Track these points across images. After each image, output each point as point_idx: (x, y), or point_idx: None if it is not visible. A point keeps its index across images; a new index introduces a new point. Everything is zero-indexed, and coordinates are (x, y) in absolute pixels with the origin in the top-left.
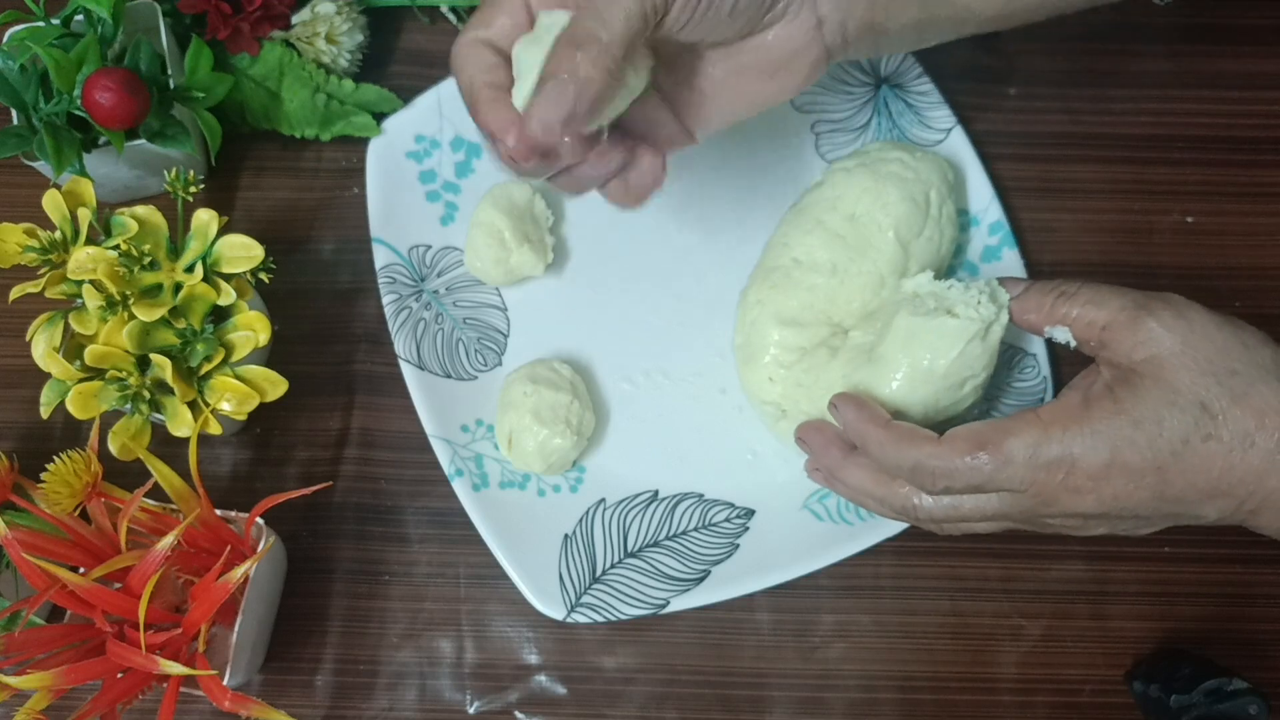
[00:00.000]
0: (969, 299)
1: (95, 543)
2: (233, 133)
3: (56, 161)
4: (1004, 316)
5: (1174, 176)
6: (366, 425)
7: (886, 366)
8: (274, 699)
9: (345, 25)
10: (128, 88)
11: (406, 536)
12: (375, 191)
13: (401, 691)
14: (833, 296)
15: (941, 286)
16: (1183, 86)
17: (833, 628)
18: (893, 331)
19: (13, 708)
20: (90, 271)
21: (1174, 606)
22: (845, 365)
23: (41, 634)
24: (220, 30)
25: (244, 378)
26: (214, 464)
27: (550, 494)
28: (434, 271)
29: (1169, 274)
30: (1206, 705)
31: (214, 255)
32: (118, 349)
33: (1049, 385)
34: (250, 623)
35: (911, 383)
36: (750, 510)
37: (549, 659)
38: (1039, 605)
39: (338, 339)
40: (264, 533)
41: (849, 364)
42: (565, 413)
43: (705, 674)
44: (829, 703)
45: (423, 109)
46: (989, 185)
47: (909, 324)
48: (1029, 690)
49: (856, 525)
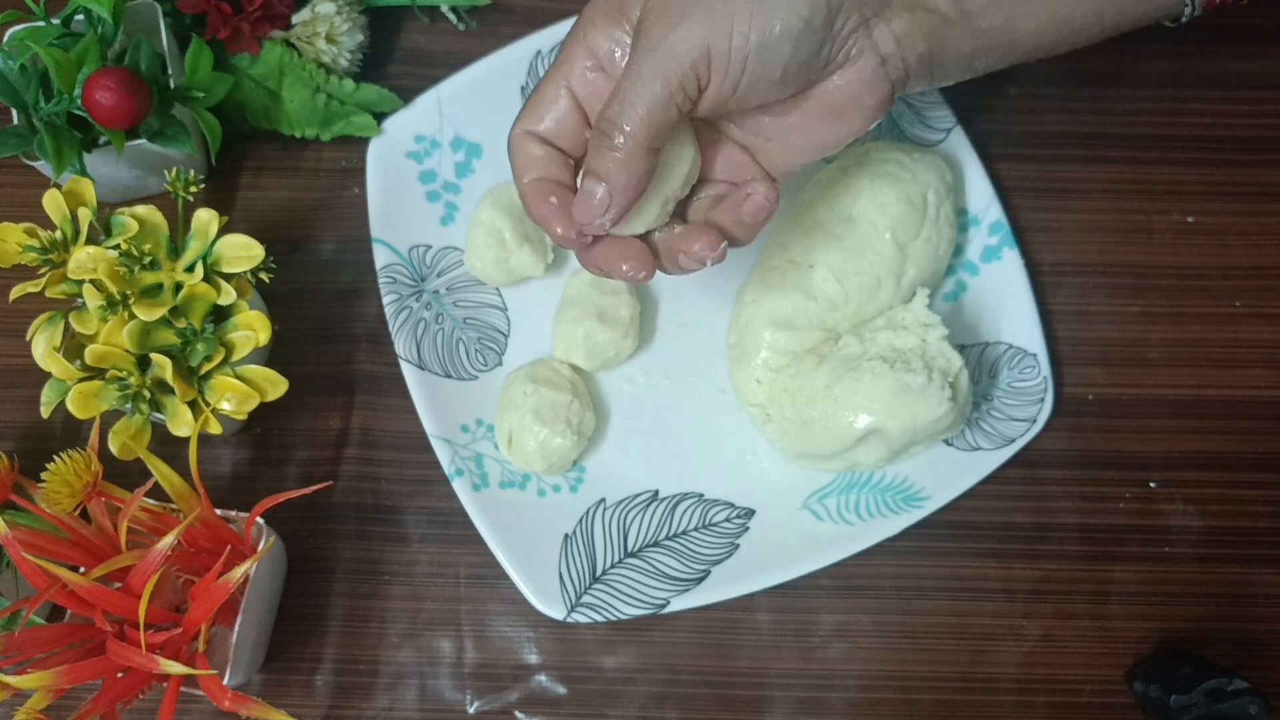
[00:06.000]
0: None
1: (95, 543)
2: (233, 133)
3: (56, 161)
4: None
5: (1174, 176)
6: (366, 425)
7: (849, 410)
8: (274, 699)
9: (345, 25)
10: (128, 88)
11: (406, 536)
12: (375, 191)
13: (401, 691)
14: (828, 299)
15: (914, 341)
16: (1182, 86)
17: (833, 628)
18: (858, 385)
19: (13, 707)
20: (90, 271)
21: (1174, 606)
22: (828, 375)
23: (41, 634)
24: (220, 30)
25: (244, 377)
26: (214, 464)
27: (550, 494)
28: (434, 271)
29: (1169, 274)
30: (1206, 705)
31: (214, 255)
32: (118, 349)
33: (1049, 385)
34: (250, 623)
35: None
36: (750, 510)
37: (549, 659)
38: (1039, 605)
39: (338, 339)
40: (264, 533)
41: (832, 374)
42: (566, 412)
43: (705, 674)
44: (829, 703)
45: (423, 109)
46: (989, 185)
47: (871, 383)
48: (1029, 690)
49: (856, 525)
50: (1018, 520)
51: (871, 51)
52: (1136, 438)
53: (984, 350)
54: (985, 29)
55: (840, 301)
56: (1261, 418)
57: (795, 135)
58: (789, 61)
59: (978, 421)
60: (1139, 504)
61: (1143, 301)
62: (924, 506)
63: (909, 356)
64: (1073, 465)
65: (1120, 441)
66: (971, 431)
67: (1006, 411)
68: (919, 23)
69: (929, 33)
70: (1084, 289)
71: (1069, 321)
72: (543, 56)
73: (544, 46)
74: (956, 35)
